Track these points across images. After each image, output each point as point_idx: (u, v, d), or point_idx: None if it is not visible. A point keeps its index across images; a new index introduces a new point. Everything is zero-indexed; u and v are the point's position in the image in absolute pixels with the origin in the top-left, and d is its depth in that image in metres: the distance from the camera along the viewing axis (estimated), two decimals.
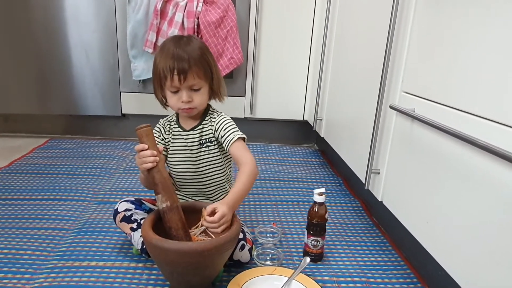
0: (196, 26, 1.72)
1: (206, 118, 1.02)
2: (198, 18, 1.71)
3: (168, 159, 1.04)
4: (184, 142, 1.02)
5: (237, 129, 0.99)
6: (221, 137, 0.99)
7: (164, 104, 1.02)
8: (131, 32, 1.77)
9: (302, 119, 1.98)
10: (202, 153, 1.02)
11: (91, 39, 1.82)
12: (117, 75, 1.88)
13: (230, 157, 1.06)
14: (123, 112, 1.94)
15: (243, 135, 0.98)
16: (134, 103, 1.92)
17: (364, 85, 1.22)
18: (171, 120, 1.06)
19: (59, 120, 2.01)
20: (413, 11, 0.92)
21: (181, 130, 1.03)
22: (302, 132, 2.06)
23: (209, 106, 1.04)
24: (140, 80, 1.86)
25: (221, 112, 1.04)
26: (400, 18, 0.97)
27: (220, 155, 1.03)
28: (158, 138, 1.04)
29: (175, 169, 1.04)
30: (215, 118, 1.02)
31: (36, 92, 1.89)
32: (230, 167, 1.09)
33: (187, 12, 1.70)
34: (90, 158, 1.69)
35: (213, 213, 0.82)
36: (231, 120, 1.01)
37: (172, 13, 1.71)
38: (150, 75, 1.83)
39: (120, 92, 1.90)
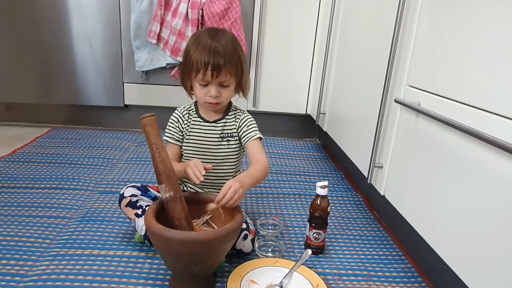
0: (200, 17, 1.71)
1: (230, 113, 1.04)
2: (202, 9, 1.70)
3: (183, 147, 1.04)
4: (203, 133, 1.02)
5: (258, 129, 1.03)
6: (243, 132, 1.02)
7: (190, 93, 1.02)
8: (134, 22, 1.76)
9: (305, 113, 1.97)
10: (222, 147, 1.02)
11: (94, 29, 1.81)
12: (120, 65, 1.87)
13: (244, 153, 1.08)
14: (125, 103, 1.94)
15: (262, 136, 1.02)
16: (137, 94, 1.92)
17: (369, 79, 1.22)
18: (190, 109, 1.05)
19: (61, 110, 2.01)
20: (420, 3, 0.91)
21: (201, 120, 1.03)
22: (304, 126, 2.05)
23: (230, 101, 1.05)
24: (143, 71, 1.86)
25: (244, 111, 1.07)
26: (407, 11, 0.96)
27: (238, 150, 1.05)
28: (175, 128, 1.03)
29: (189, 159, 1.03)
30: (240, 115, 1.04)
31: (38, 82, 1.89)
32: (241, 163, 1.10)
33: (191, 3, 1.69)
34: (92, 148, 1.69)
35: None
36: (254, 120, 1.05)
37: (176, 3, 1.70)
38: (153, 66, 1.83)
39: (123, 82, 1.90)
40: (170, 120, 1.04)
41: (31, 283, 0.84)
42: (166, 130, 1.04)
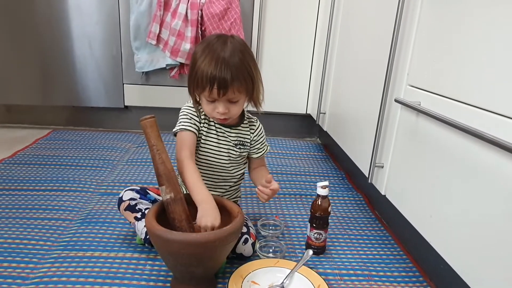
0: (199, 18, 1.71)
1: (245, 122, 1.03)
2: (201, 10, 1.70)
3: (198, 151, 1.00)
4: (216, 136, 1.00)
5: (267, 141, 1.08)
6: (256, 147, 1.05)
7: (197, 102, 0.96)
8: (134, 23, 1.76)
9: (305, 112, 1.97)
10: (233, 153, 1.01)
11: (94, 30, 1.81)
12: (120, 66, 1.87)
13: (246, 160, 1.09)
14: (125, 104, 1.94)
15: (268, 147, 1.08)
16: (137, 95, 1.92)
17: (369, 79, 1.21)
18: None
19: (61, 111, 2.01)
20: (420, 2, 0.91)
21: (215, 122, 0.99)
22: (304, 126, 2.05)
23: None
24: (143, 72, 1.86)
25: (256, 118, 1.06)
26: (407, 11, 0.96)
27: (246, 158, 1.06)
28: (195, 119, 0.96)
29: (199, 159, 1.00)
30: (254, 125, 1.04)
31: (38, 83, 1.89)
32: (245, 168, 1.10)
33: (190, 4, 1.69)
34: (93, 149, 1.69)
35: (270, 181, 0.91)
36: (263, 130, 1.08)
37: (175, 4, 1.70)
38: (153, 67, 1.83)
39: (123, 84, 1.90)
40: (184, 112, 0.97)
41: (33, 286, 0.84)
42: (183, 120, 0.96)
